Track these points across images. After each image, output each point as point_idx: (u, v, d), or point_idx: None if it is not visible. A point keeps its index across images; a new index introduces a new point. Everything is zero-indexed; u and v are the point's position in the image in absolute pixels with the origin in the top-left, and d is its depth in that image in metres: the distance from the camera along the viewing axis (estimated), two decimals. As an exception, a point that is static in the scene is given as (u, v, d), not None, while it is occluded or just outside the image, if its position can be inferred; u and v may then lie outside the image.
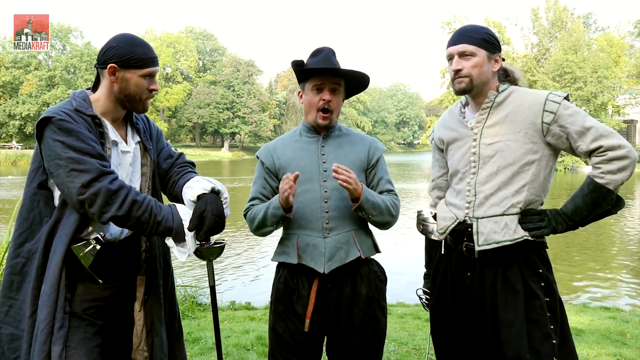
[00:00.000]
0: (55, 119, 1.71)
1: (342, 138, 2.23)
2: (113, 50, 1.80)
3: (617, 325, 4.98)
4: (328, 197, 2.11)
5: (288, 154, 2.19)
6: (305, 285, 2.11)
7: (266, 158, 2.22)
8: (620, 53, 43.25)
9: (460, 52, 1.95)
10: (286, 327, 2.12)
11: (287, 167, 2.16)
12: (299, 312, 2.11)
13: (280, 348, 2.13)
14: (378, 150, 2.25)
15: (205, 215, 1.79)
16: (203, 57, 69.97)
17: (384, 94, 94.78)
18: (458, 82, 1.97)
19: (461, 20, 37.45)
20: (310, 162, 2.15)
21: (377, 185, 2.22)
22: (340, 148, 2.19)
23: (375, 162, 2.22)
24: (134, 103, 1.87)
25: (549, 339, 1.86)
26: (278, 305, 2.16)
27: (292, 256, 2.10)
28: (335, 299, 2.11)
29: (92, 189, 1.66)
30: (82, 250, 1.75)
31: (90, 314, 1.80)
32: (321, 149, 2.18)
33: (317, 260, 2.07)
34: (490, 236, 1.94)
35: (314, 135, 2.22)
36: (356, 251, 2.11)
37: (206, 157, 51.62)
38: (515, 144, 1.93)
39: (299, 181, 2.06)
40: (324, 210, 2.10)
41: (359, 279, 2.13)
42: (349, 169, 2.00)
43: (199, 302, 5.92)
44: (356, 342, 2.10)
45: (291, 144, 2.23)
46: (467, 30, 2.00)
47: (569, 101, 1.93)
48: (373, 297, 2.14)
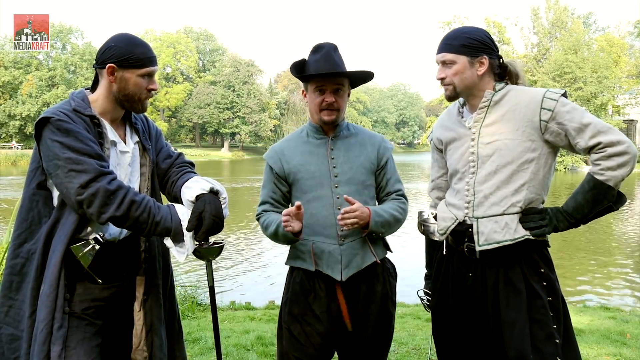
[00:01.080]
0: (53, 119, 1.70)
1: (351, 139, 2.20)
2: (112, 50, 1.80)
3: (617, 325, 4.98)
4: (341, 204, 2.09)
5: (297, 159, 2.16)
6: (322, 287, 2.11)
7: (275, 163, 2.19)
8: (620, 53, 43.24)
9: (442, 61, 2.00)
10: (302, 330, 2.11)
11: (296, 172, 2.15)
12: (316, 313, 2.10)
13: (294, 349, 2.12)
14: (387, 151, 2.24)
15: (204, 216, 1.79)
16: (203, 57, 69.97)
17: (384, 94, 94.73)
18: (444, 90, 2.03)
19: (461, 20, 37.46)
20: (320, 167, 2.13)
21: (386, 185, 2.22)
22: (349, 150, 2.17)
23: (384, 163, 2.22)
24: (133, 103, 1.87)
25: (552, 338, 1.85)
26: (293, 306, 2.14)
27: (309, 262, 2.10)
28: (352, 298, 2.11)
29: (91, 190, 1.66)
30: (81, 250, 1.75)
31: (89, 314, 1.80)
32: (330, 152, 2.16)
33: (333, 267, 2.07)
34: (490, 236, 1.94)
35: (322, 137, 2.19)
36: (372, 256, 2.12)
37: (206, 157, 51.62)
38: (513, 143, 1.92)
39: (310, 186, 2.09)
40: (337, 217, 2.06)
41: (375, 278, 2.15)
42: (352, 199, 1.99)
43: (199, 302, 5.92)
44: (370, 338, 2.12)
45: (299, 146, 2.20)
46: (448, 37, 2.01)
47: (566, 98, 1.92)
48: (387, 294, 2.17)
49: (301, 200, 2.06)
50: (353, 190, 2.11)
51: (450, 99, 2.04)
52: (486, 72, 1.98)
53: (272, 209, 2.18)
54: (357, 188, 2.13)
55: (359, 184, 2.14)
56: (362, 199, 2.12)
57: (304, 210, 2.02)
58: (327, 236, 2.09)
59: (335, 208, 2.09)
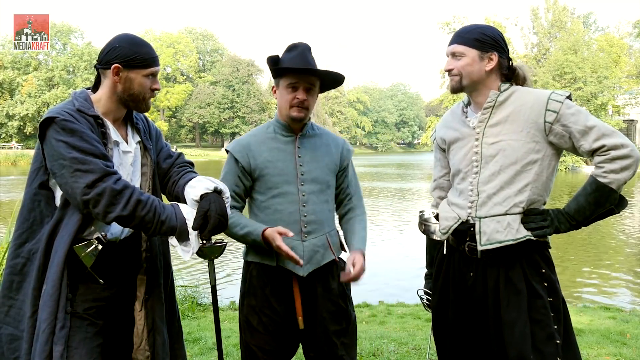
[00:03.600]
0: (58, 119, 1.71)
1: (317, 139, 2.27)
2: (116, 50, 1.80)
3: (617, 325, 4.98)
4: (306, 201, 2.17)
5: (264, 155, 2.19)
6: (279, 282, 2.17)
7: (242, 157, 2.20)
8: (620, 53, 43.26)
9: (452, 53, 2.01)
10: (260, 320, 2.17)
11: (263, 168, 2.18)
12: (273, 306, 2.16)
13: (256, 340, 2.18)
14: (349, 153, 2.37)
15: (210, 215, 1.80)
16: (203, 57, 69.97)
17: (384, 94, 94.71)
18: (450, 81, 2.05)
19: (461, 21, 37.42)
20: (287, 165, 2.18)
21: (347, 187, 2.35)
22: (315, 150, 2.24)
23: (346, 165, 2.34)
24: (138, 102, 1.88)
25: (553, 339, 1.86)
26: (251, 299, 2.20)
27: (270, 258, 2.15)
28: (309, 295, 2.17)
29: (97, 189, 1.66)
30: (84, 250, 1.75)
31: (91, 313, 1.80)
32: (297, 151, 2.20)
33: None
34: (492, 236, 1.94)
35: (290, 135, 2.23)
36: (331, 254, 2.22)
37: (206, 157, 51.58)
38: (517, 143, 1.93)
39: (276, 183, 2.15)
40: (302, 214, 2.16)
41: (330, 275, 2.22)
42: (358, 263, 2.11)
43: (199, 302, 5.92)
44: (332, 335, 2.17)
45: (266, 142, 2.22)
46: (461, 31, 2.04)
47: (571, 100, 1.93)
48: (343, 292, 2.25)
49: (265, 196, 2.16)
50: (317, 189, 2.20)
51: (454, 91, 2.05)
52: (494, 69, 1.99)
53: (233, 203, 2.19)
54: (321, 187, 2.21)
55: (323, 184, 2.22)
56: (324, 198, 2.23)
57: (268, 205, 2.16)
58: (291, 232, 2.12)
59: (301, 205, 2.16)
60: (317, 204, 2.19)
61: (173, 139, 63.71)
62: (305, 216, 2.16)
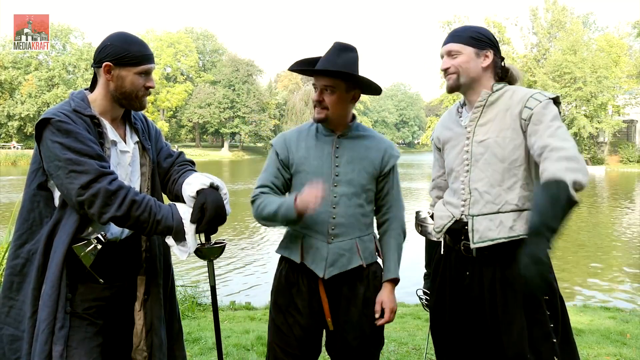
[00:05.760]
0: (53, 120, 1.71)
1: (358, 141, 2.16)
2: (108, 48, 1.80)
3: (617, 325, 4.98)
4: (336, 203, 2.09)
5: (302, 151, 2.15)
6: (305, 282, 2.12)
7: (282, 150, 2.17)
8: (620, 53, 43.24)
9: (448, 52, 2.01)
10: (284, 320, 2.13)
11: (299, 164, 2.14)
12: (298, 306, 2.12)
13: (279, 340, 2.15)
14: (393, 158, 2.19)
15: (206, 207, 1.80)
16: (203, 57, 69.96)
17: (384, 94, 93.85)
18: (447, 80, 2.04)
19: (461, 20, 37.49)
20: (323, 164, 2.12)
21: (386, 196, 2.19)
22: (354, 152, 2.13)
23: (388, 170, 2.18)
24: (131, 100, 1.87)
25: (549, 338, 1.86)
26: (278, 297, 2.17)
27: (296, 254, 2.11)
28: (333, 298, 2.12)
29: (91, 190, 1.67)
30: (83, 250, 1.75)
31: (91, 313, 1.81)
32: (335, 151, 2.14)
33: (318, 264, 2.08)
34: (485, 233, 1.94)
35: (330, 134, 2.16)
36: (358, 259, 2.10)
37: (206, 157, 51.60)
38: (504, 141, 1.93)
39: (310, 180, 2.05)
40: (331, 216, 2.09)
41: (358, 280, 2.13)
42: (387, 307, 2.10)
43: (199, 302, 5.92)
44: (354, 341, 2.10)
45: (307, 139, 2.18)
46: (455, 31, 2.05)
47: (559, 104, 1.91)
48: (371, 298, 2.13)
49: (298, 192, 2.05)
50: (351, 192, 2.10)
51: (451, 90, 2.05)
52: (489, 67, 2.00)
53: (271, 192, 2.14)
54: (356, 190, 2.11)
55: (358, 187, 2.12)
56: (358, 202, 2.11)
57: None
58: (317, 232, 2.09)
59: (331, 207, 2.09)
60: (349, 207, 2.09)
61: (173, 139, 63.65)
62: (334, 218, 2.08)
